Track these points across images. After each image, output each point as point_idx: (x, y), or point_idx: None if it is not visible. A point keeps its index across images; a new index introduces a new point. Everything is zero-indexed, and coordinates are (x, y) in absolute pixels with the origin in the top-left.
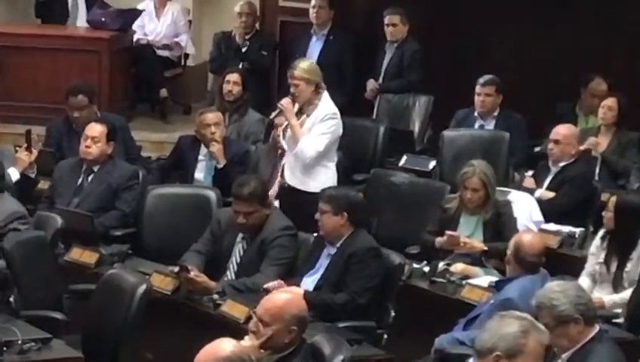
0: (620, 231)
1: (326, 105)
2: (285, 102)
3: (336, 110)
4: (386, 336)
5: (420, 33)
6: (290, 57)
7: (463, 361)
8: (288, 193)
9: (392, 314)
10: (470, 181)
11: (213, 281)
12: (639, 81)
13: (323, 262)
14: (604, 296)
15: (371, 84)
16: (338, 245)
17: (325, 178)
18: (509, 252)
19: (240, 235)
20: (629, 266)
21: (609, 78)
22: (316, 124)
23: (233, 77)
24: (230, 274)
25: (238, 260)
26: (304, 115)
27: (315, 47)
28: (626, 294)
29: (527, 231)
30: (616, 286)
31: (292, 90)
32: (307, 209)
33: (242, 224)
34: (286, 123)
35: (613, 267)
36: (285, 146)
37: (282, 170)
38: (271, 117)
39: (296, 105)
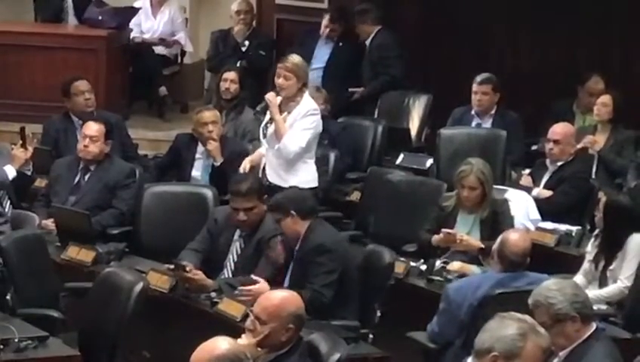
0: (607, 231)
1: (307, 102)
2: (271, 96)
3: (316, 106)
4: (371, 336)
5: (418, 32)
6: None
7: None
8: (270, 191)
9: (378, 314)
10: (467, 179)
11: (209, 279)
12: (636, 80)
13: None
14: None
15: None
16: (297, 247)
17: (306, 174)
18: (494, 246)
19: (237, 233)
20: (613, 265)
21: (606, 77)
22: (298, 120)
23: (230, 75)
24: (227, 273)
25: (235, 258)
26: (285, 113)
27: (324, 51)
28: (605, 291)
29: (516, 230)
30: (602, 284)
31: (280, 81)
32: None
33: (243, 221)
34: (267, 120)
35: (600, 266)
36: (266, 145)
37: (263, 169)
38: (257, 109)
39: (279, 99)
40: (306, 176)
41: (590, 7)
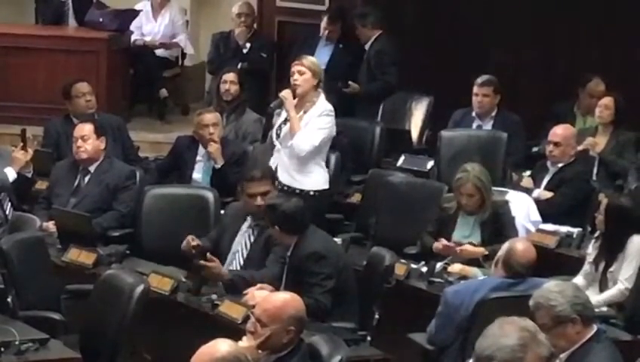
0: (609, 233)
1: (323, 102)
2: (286, 93)
3: (332, 108)
4: (369, 338)
5: (419, 34)
6: (288, 57)
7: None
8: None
9: (377, 316)
10: (464, 187)
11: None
12: (637, 81)
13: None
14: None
15: (352, 87)
16: (289, 254)
17: (318, 176)
18: (500, 253)
19: (245, 225)
20: (613, 267)
21: (607, 78)
22: (314, 118)
23: (230, 76)
24: (236, 265)
25: (245, 253)
26: (302, 112)
27: (324, 53)
28: (605, 295)
29: (522, 240)
30: (602, 286)
31: (295, 77)
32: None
33: (260, 206)
34: (281, 120)
35: (601, 267)
36: (279, 145)
37: (275, 171)
38: (271, 105)
39: (295, 100)
40: (319, 178)
41: (591, 8)
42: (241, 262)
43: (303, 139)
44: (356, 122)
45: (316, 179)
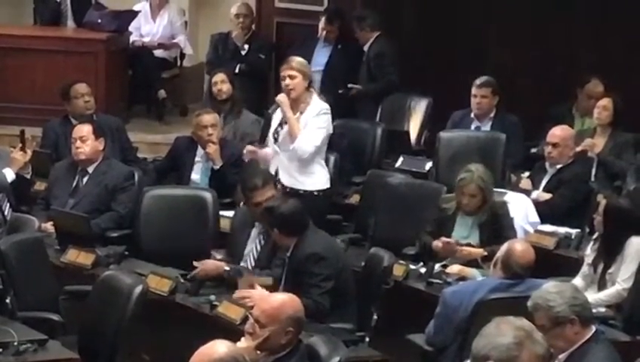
0: (608, 234)
1: (318, 101)
2: (282, 96)
3: (327, 106)
4: (367, 339)
5: (417, 36)
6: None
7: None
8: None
9: (375, 317)
10: (468, 187)
11: (219, 262)
12: (635, 82)
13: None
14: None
15: (354, 89)
16: (288, 254)
17: (320, 175)
18: (498, 254)
19: (255, 231)
20: (612, 268)
21: (606, 80)
22: (311, 118)
23: (219, 77)
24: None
25: (256, 255)
26: (297, 113)
27: (322, 53)
28: (603, 295)
29: (521, 241)
30: (601, 287)
31: (287, 82)
32: (306, 208)
33: None
34: (277, 124)
35: (600, 269)
36: (277, 149)
37: (276, 174)
38: (269, 111)
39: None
40: (321, 177)
41: (589, 8)
42: (253, 264)
43: (305, 141)
44: (357, 123)
45: (318, 178)
